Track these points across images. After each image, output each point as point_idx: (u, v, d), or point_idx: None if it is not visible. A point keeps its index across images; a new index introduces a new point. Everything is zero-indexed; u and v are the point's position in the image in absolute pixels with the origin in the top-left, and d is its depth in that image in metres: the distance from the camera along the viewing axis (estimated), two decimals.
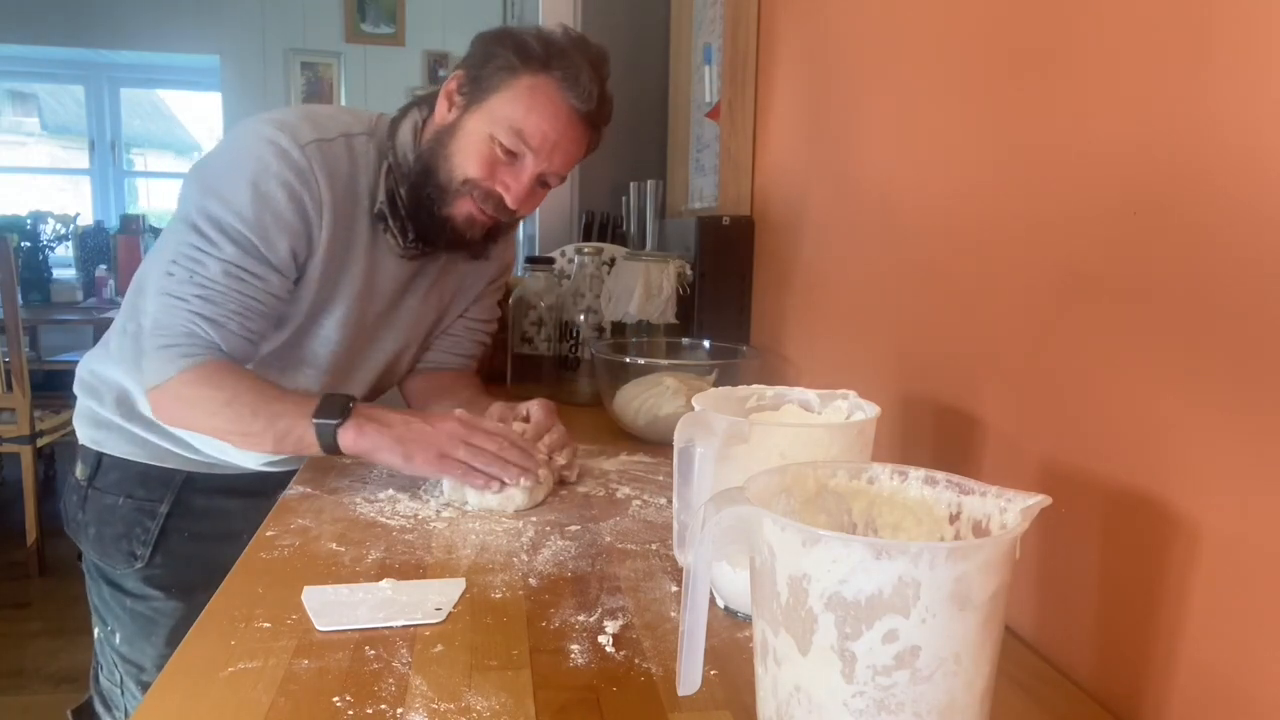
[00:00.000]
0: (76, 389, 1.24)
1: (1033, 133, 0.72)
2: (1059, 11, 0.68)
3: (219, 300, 1.00)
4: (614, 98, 1.11)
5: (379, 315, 1.18)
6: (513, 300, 1.53)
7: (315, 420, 0.96)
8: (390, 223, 1.11)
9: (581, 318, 1.50)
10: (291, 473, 1.20)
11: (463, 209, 1.08)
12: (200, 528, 1.22)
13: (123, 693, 1.25)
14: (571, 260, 1.62)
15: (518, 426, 1.05)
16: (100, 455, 1.21)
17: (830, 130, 1.19)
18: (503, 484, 0.94)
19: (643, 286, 1.45)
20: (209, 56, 5.04)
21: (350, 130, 1.09)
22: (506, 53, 1.05)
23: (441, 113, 1.09)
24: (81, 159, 5.38)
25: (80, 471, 1.24)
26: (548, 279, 1.54)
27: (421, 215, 1.10)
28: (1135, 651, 0.59)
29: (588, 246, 1.54)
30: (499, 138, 1.04)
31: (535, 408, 1.09)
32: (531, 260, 1.58)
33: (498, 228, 1.14)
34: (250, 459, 1.20)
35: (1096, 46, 0.64)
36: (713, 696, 0.59)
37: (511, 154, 1.05)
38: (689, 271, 1.50)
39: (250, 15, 5.00)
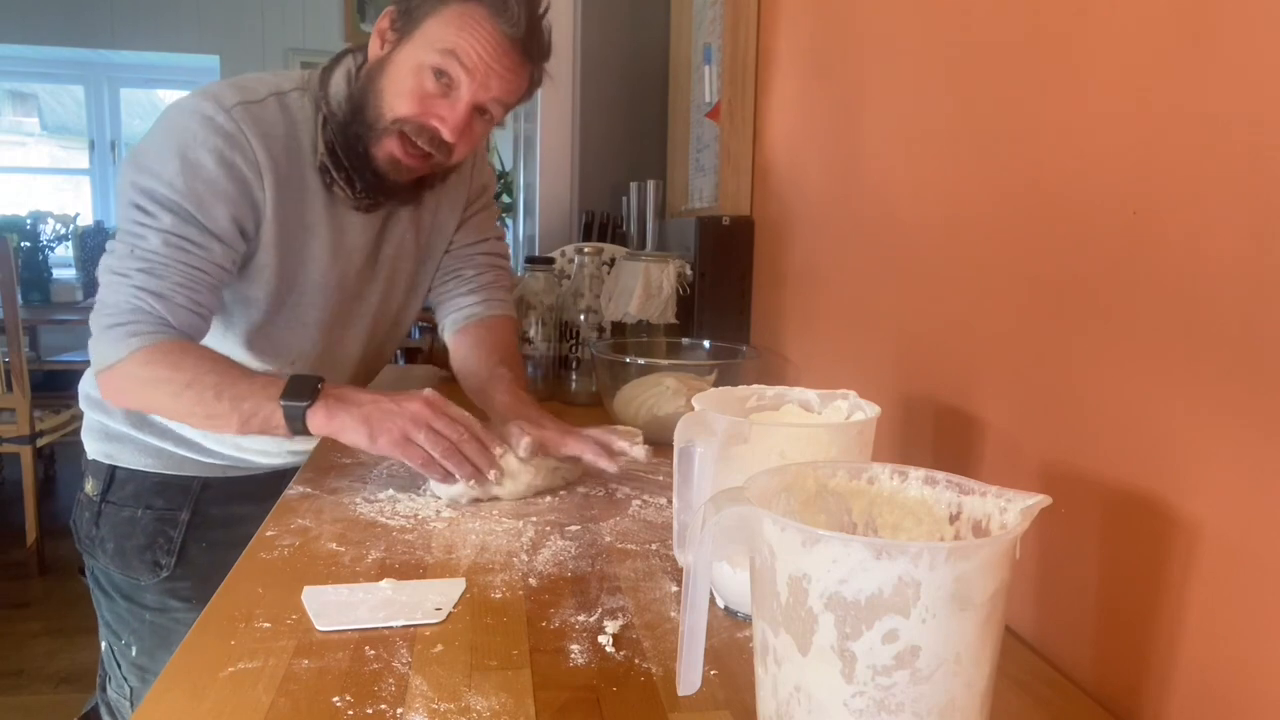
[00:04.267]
0: (82, 405, 1.23)
1: (1032, 133, 0.72)
2: (1059, 12, 0.68)
3: (162, 273, 0.98)
4: (550, 31, 1.08)
5: (359, 273, 1.16)
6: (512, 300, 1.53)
7: (283, 402, 0.94)
8: (335, 174, 1.07)
9: (581, 318, 1.50)
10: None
11: (385, 149, 1.04)
12: (217, 536, 1.20)
13: (132, 705, 1.24)
14: (571, 260, 1.62)
15: (524, 444, 1.00)
16: (113, 469, 1.20)
17: (830, 130, 1.19)
18: (455, 479, 0.93)
19: (643, 286, 1.45)
20: (209, 56, 5.04)
21: (280, 88, 1.07)
22: None
23: (374, 50, 1.06)
24: (81, 159, 5.38)
25: (91, 487, 1.21)
26: (548, 279, 1.54)
27: (352, 157, 1.06)
28: (1135, 651, 0.59)
29: (588, 246, 1.54)
30: (430, 63, 1.01)
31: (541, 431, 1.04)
32: (531, 260, 1.58)
33: (432, 174, 1.10)
34: (268, 455, 1.20)
35: (1096, 46, 0.64)
36: (713, 696, 0.59)
37: (445, 84, 1.01)
38: (689, 271, 1.50)
39: (250, 15, 5.00)
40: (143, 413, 1.07)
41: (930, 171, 0.90)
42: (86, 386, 1.21)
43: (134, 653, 1.22)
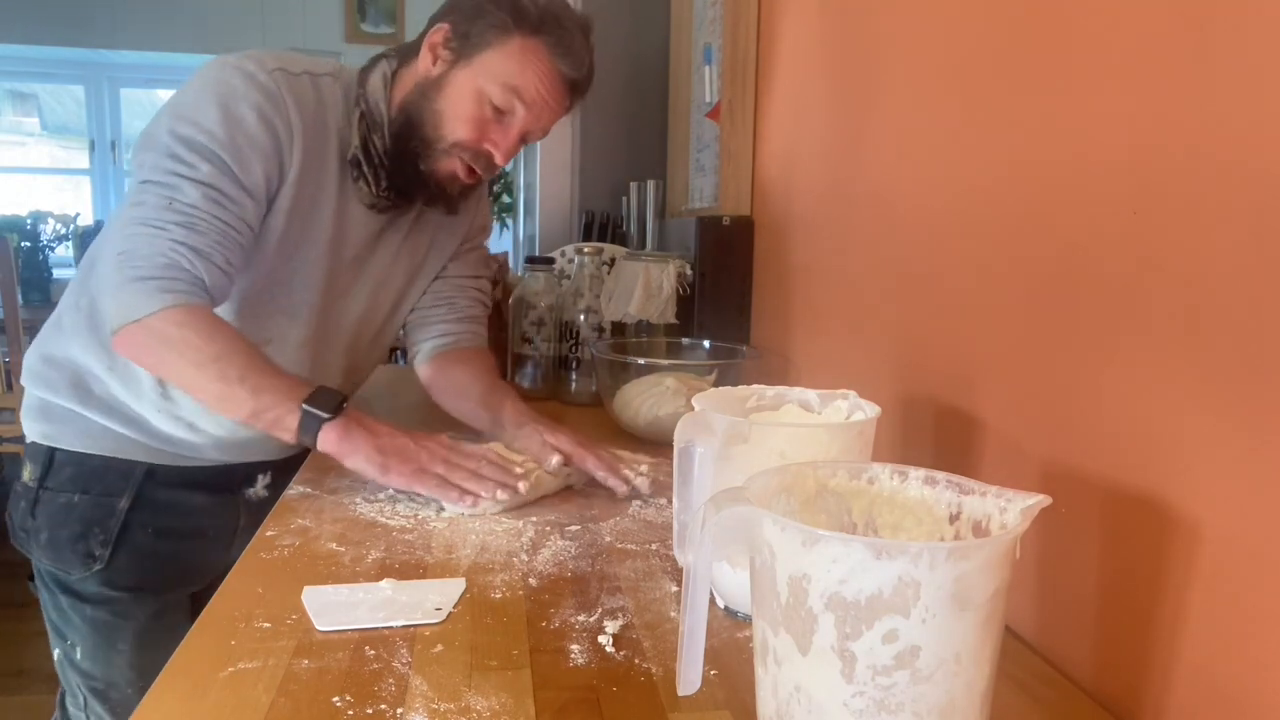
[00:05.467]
0: (25, 381, 1.16)
1: (1032, 132, 0.72)
2: (1059, 12, 0.68)
3: (202, 228, 0.96)
4: (594, 69, 1.11)
5: (350, 264, 1.15)
6: (513, 300, 1.54)
7: (305, 406, 0.93)
8: (364, 169, 1.09)
9: (581, 318, 1.50)
10: (256, 465, 1.19)
11: (447, 167, 1.07)
12: (164, 523, 1.16)
13: (87, 717, 1.18)
14: (571, 260, 1.62)
15: (554, 460, 1.02)
16: (53, 451, 1.14)
17: (830, 130, 1.19)
18: (477, 498, 0.93)
19: (643, 286, 1.45)
20: (209, 57, 5.01)
21: (314, 70, 1.08)
22: (499, 11, 1.04)
23: (425, 65, 1.07)
24: (81, 159, 5.38)
25: (29, 474, 1.15)
26: (548, 279, 1.54)
27: (403, 167, 1.08)
28: (1135, 651, 0.59)
29: (588, 246, 1.54)
30: (490, 95, 1.04)
31: (563, 442, 1.05)
32: (531, 260, 1.58)
33: (475, 185, 1.13)
34: (220, 447, 1.15)
35: (1096, 46, 0.64)
36: (713, 696, 0.59)
37: (500, 112, 1.05)
38: (689, 271, 1.50)
39: (250, 15, 5.00)
40: (150, 375, 1.04)
41: (930, 171, 0.90)
42: (32, 360, 1.15)
43: (79, 655, 1.16)
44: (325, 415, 0.93)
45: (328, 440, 0.93)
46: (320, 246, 1.10)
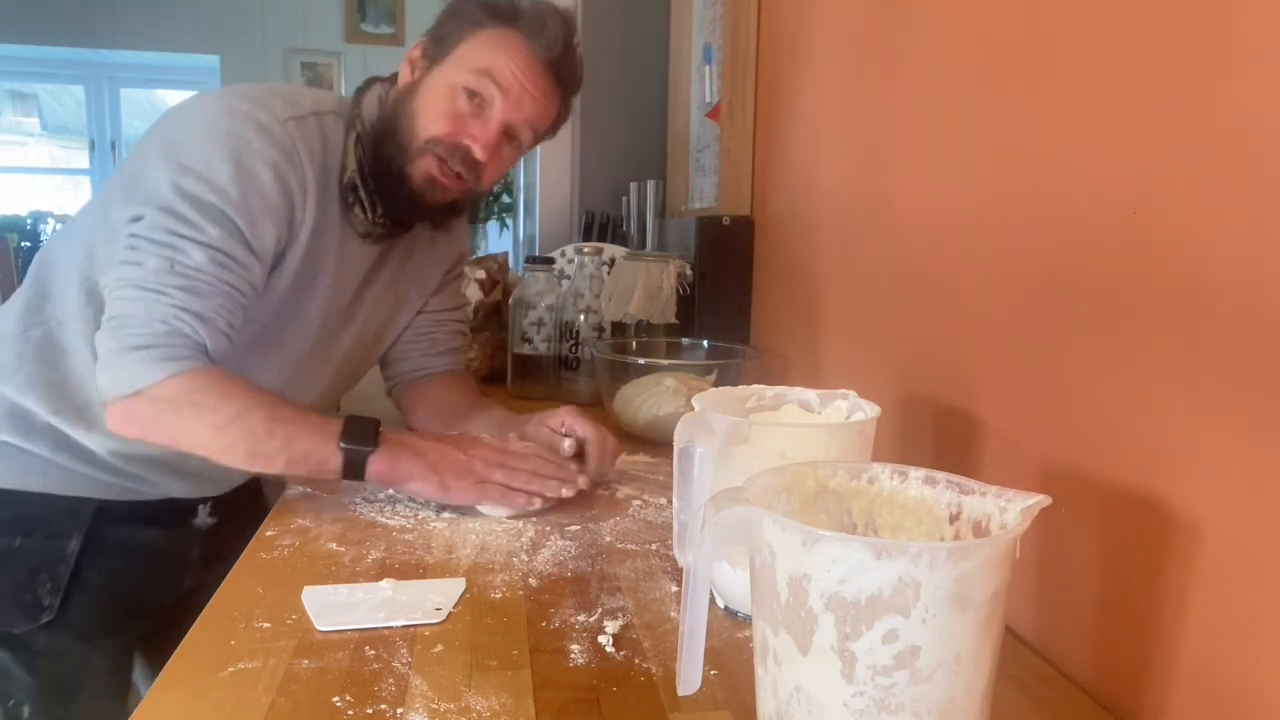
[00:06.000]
0: None
1: (1032, 133, 0.72)
2: (1059, 13, 0.68)
3: (206, 292, 0.89)
4: (583, 64, 1.07)
5: (343, 309, 1.10)
6: (513, 300, 1.54)
7: (344, 445, 0.89)
8: (360, 194, 1.03)
9: (581, 318, 1.50)
10: (207, 498, 1.14)
11: (422, 168, 1.01)
12: (118, 563, 1.07)
13: None
14: (571, 260, 1.62)
15: (566, 444, 1.02)
16: None
17: (831, 130, 1.19)
18: (545, 499, 0.93)
19: (643, 286, 1.45)
20: (209, 56, 5.04)
21: (320, 108, 1.02)
22: (471, 9, 1.02)
23: (404, 77, 1.04)
24: (81, 159, 5.39)
25: None
26: (548, 279, 1.54)
27: (383, 178, 1.02)
28: (1135, 651, 0.59)
29: (588, 246, 1.54)
30: (464, 83, 0.99)
31: (575, 423, 1.04)
32: (531, 260, 1.58)
33: (462, 198, 1.08)
34: (178, 475, 1.06)
35: (1096, 47, 0.64)
36: (713, 696, 0.59)
37: (478, 104, 1.00)
38: (689, 271, 1.50)
39: (250, 15, 5.00)
40: (162, 445, 0.92)
41: (931, 171, 0.90)
42: None
43: (25, 715, 1.03)
44: (367, 449, 0.90)
45: (376, 472, 0.90)
46: (319, 300, 1.05)
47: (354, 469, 0.90)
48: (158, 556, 1.12)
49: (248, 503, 1.23)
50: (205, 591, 1.14)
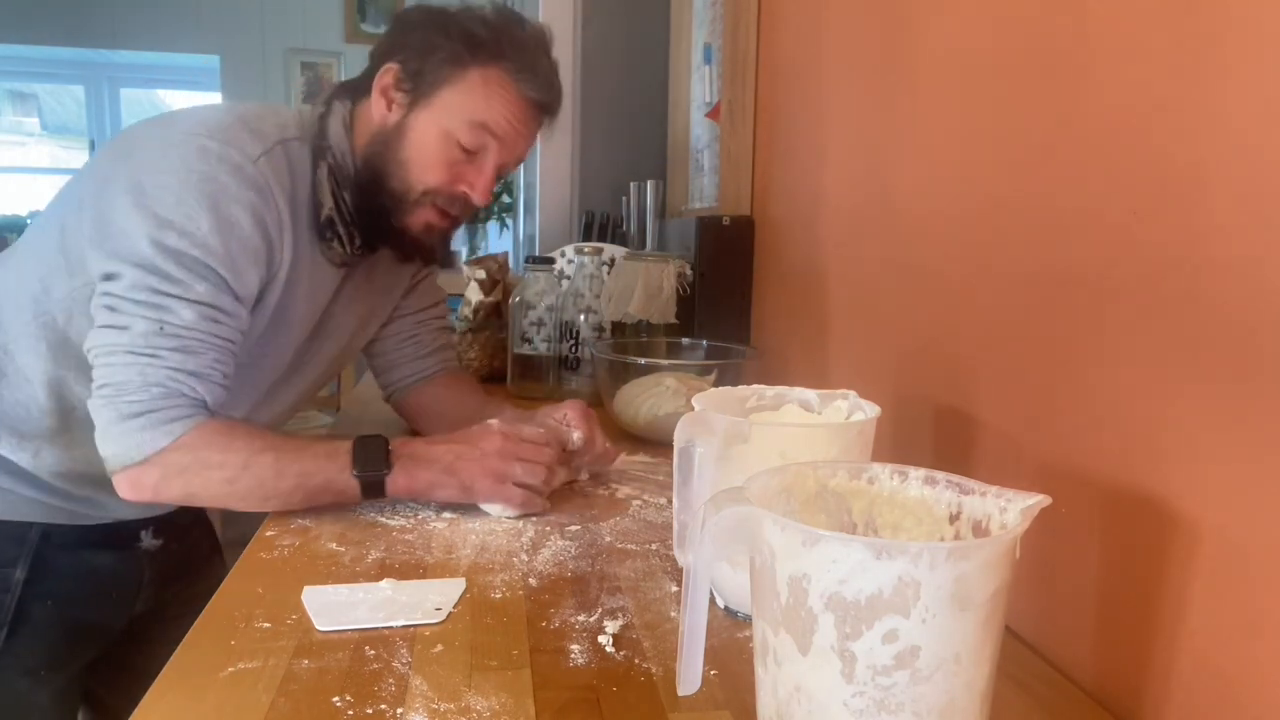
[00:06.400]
0: None
1: (1032, 133, 0.72)
2: (1060, 13, 0.68)
3: (199, 350, 0.87)
4: (561, 84, 1.06)
5: (312, 334, 1.08)
6: (513, 300, 1.54)
7: (358, 474, 0.89)
8: (339, 229, 1.01)
9: (581, 318, 1.50)
10: (149, 520, 1.12)
11: (420, 219, 1.01)
12: (66, 590, 1.03)
13: None
14: (571, 260, 1.62)
15: (575, 436, 1.03)
16: None
17: (830, 130, 1.19)
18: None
19: (643, 286, 1.45)
20: (209, 56, 5.04)
21: (284, 135, 0.97)
22: (450, 43, 0.97)
23: (380, 111, 1.00)
24: (81, 159, 5.37)
25: None
26: (548, 279, 1.54)
27: (375, 224, 1.01)
28: (1135, 651, 0.59)
29: (588, 246, 1.54)
30: (458, 136, 0.97)
31: (577, 419, 1.03)
32: (531, 260, 1.58)
33: (452, 230, 1.07)
34: (122, 506, 0.96)
35: (1096, 47, 0.64)
36: (713, 696, 0.59)
37: (471, 152, 0.99)
38: (689, 271, 1.50)
39: (250, 15, 5.00)
40: (180, 502, 0.91)
41: (931, 171, 0.90)
42: None
43: None
44: (383, 473, 0.89)
45: (396, 491, 0.90)
46: (295, 330, 1.04)
47: (373, 490, 0.90)
48: (107, 581, 1.09)
49: (191, 522, 1.22)
50: (158, 615, 1.14)
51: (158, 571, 1.15)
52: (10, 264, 1.01)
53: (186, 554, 1.20)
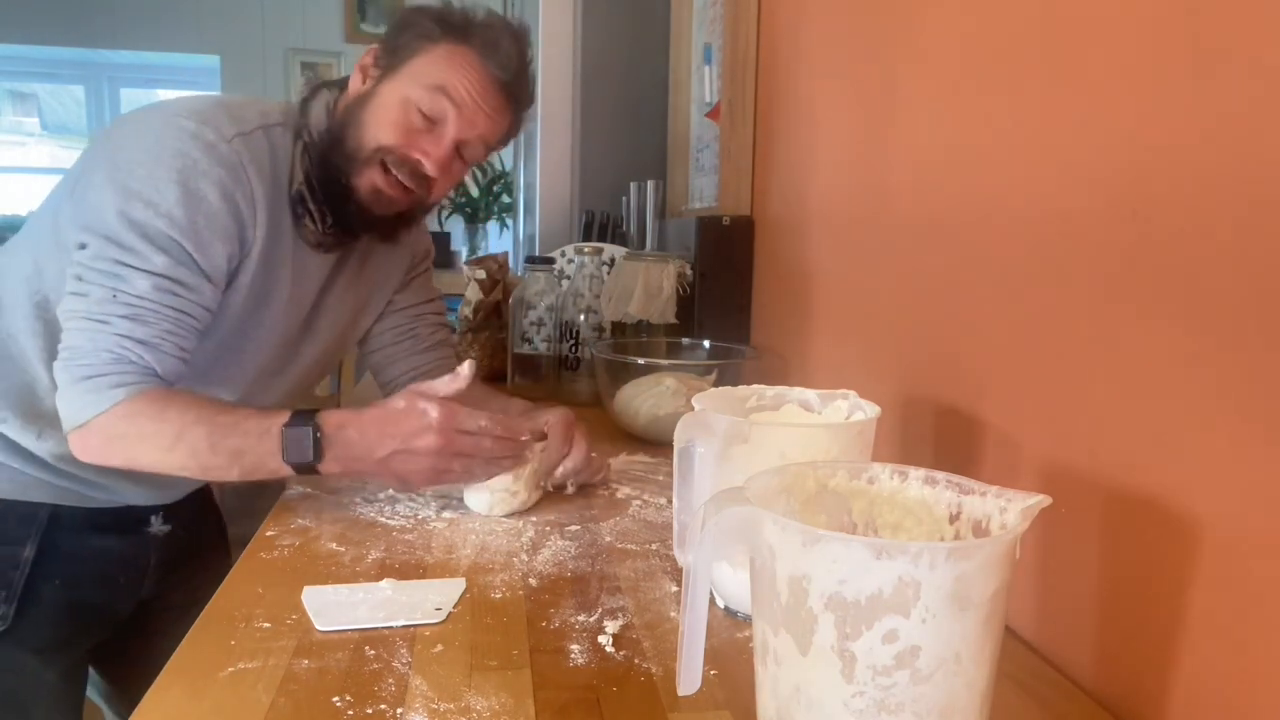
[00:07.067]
0: None
1: (1032, 133, 0.72)
2: (1061, 13, 0.68)
3: (149, 319, 0.88)
4: (535, 80, 1.07)
5: (303, 322, 1.09)
6: (513, 300, 1.54)
7: (288, 462, 0.87)
8: (310, 205, 1.02)
9: (581, 318, 1.50)
10: (159, 506, 1.13)
11: (368, 180, 1.00)
12: (73, 571, 1.05)
13: None
14: (571, 260, 1.62)
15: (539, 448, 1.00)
16: None
17: (830, 130, 1.19)
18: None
19: (643, 286, 1.45)
20: (209, 56, 5.04)
21: (267, 121, 1.00)
22: (425, 21, 1.01)
23: (355, 86, 1.02)
24: None
25: None
26: (548, 279, 1.54)
27: (330, 187, 1.01)
28: (1135, 651, 0.59)
29: (588, 246, 1.54)
30: (417, 101, 0.98)
31: (555, 425, 1.02)
32: (531, 260, 1.58)
33: (411, 210, 1.06)
34: (135, 481, 1.05)
35: (1097, 48, 0.64)
36: (713, 696, 0.59)
37: (430, 120, 0.99)
38: (689, 271, 1.50)
39: (250, 15, 5.00)
40: (125, 466, 0.92)
41: (931, 171, 0.90)
42: None
43: None
44: (313, 462, 0.88)
45: (331, 474, 0.90)
46: (277, 314, 1.04)
47: (307, 474, 0.90)
48: (114, 565, 1.10)
49: (200, 509, 1.22)
50: (164, 601, 1.15)
51: (165, 557, 1.15)
52: (14, 248, 1.05)
53: (194, 541, 1.20)
